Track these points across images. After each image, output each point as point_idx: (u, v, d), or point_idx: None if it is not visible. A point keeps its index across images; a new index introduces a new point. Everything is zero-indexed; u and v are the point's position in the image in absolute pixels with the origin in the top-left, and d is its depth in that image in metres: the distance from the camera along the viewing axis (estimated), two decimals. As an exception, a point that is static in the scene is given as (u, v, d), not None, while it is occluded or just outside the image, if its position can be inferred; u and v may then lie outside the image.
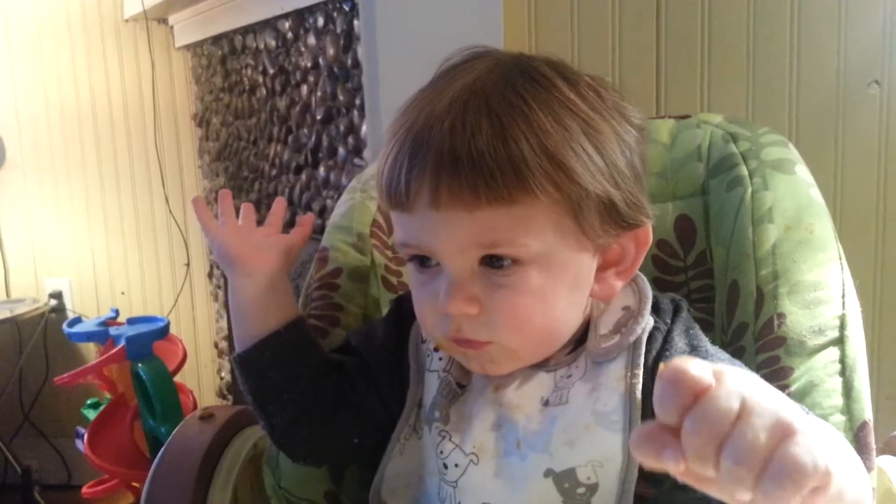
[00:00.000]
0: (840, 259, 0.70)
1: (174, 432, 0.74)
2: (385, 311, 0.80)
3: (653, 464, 0.38)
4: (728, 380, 0.37)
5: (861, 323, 0.67)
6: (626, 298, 0.62)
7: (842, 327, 0.66)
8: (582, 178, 0.54)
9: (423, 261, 0.59)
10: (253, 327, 0.68)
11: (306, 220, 0.76)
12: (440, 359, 0.65)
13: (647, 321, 0.60)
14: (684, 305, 0.64)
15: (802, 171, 0.76)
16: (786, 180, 0.75)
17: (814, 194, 0.74)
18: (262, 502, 0.73)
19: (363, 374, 0.69)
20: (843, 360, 0.65)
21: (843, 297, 0.67)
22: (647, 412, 0.56)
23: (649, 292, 0.63)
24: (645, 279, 0.64)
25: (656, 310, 0.62)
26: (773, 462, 0.35)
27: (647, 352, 0.59)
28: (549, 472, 0.57)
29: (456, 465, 0.59)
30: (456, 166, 0.52)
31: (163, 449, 0.72)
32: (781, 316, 0.67)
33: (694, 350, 0.60)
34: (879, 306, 1.06)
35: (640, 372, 0.58)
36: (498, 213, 0.53)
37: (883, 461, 0.70)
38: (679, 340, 0.60)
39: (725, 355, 0.62)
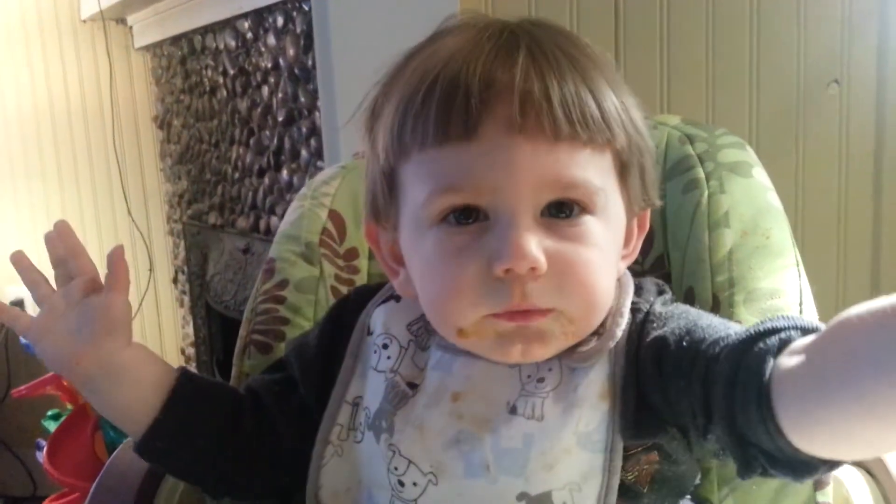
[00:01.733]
0: (798, 265, 0.68)
1: (112, 457, 0.70)
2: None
3: None
4: None
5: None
6: None
7: (799, 336, 0.64)
8: (642, 138, 0.55)
9: (463, 215, 0.51)
10: (127, 425, 0.62)
11: (118, 269, 0.60)
12: (388, 357, 0.59)
13: (625, 320, 0.55)
14: (668, 289, 0.60)
15: (760, 175, 0.75)
16: (743, 184, 0.73)
17: (771, 198, 0.73)
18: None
19: (284, 403, 0.63)
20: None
21: (800, 304, 0.66)
22: (629, 423, 0.52)
23: (631, 286, 0.58)
24: (628, 273, 0.59)
25: (638, 291, 0.58)
26: None
27: (630, 340, 0.54)
28: (522, 496, 0.53)
29: (414, 484, 0.54)
30: (547, 94, 0.49)
31: (100, 474, 0.69)
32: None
33: (686, 312, 0.55)
34: (843, 307, 1.04)
35: (621, 382, 0.53)
36: (576, 152, 0.50)
37: (841, 472, 0.69)
38: (664, 309, 0.55)
39: (718, 319, 0.54)
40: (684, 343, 0.50)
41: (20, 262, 0.61)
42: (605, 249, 0.53)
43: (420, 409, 0.56)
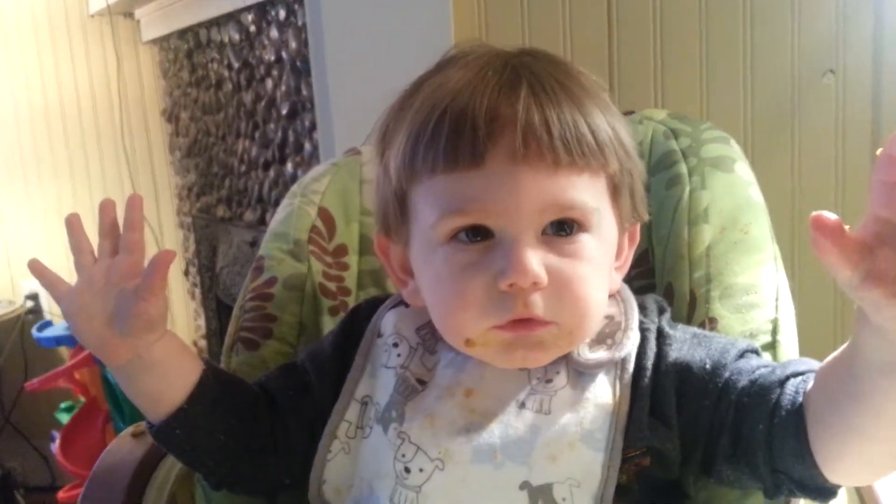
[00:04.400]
0: (775, 260, 0.68)
1: (105, 450, 0.72)
2: (322, 318, 0.78)
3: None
4: None
5: (794, 326, 0.66)
6: (609, 307, 0.61)
7: (774, 331, 0.65)
8: (632, 160, 0.60)
9: (472, 234, 0.56)
10: (149, 409, 0.63)
11: (160, 263, 0.58)
12: (398, 355, 0.63)
13: (636, 335, 0.59)
14: (666, 306, 0.64)
15: (742, 169, 0.75)
16: (724, 179, 0.73)
17: (752, 193, 0.73)
18: (199, 520, 0.72)
19: (298, 408, 0.65)
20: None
21: (776, 299, 0.66)
22: (632, 427, 0.56)
23: (634, 303, 0.62)
24: (628, 289, 0.64)
25: (642, 310, 0.62)
26: None
27: (642, 354, 0.59)
28: (524, 485, 0.55)
29: (420, 470, 0.57)
30: (547, 126, 0.54)
31: (94, 468, 0.71)
32: (713, 321, 0.66)
33: (694, 336, 0.60)
34: (841, 304, 1.04)
35: (628, 390, 0.57)
36: (574, 177, 0.55)
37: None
38: (673, 332, 0.60)
39: (725, 338, 0.61)
40: (707, 367, 0.57)
41: (73, 225, 0.60)
42: (598, 264, 0.57)
43: (431, 401, 0.59)
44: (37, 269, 0.60)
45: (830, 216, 0.38)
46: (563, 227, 0.56)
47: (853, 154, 1.09)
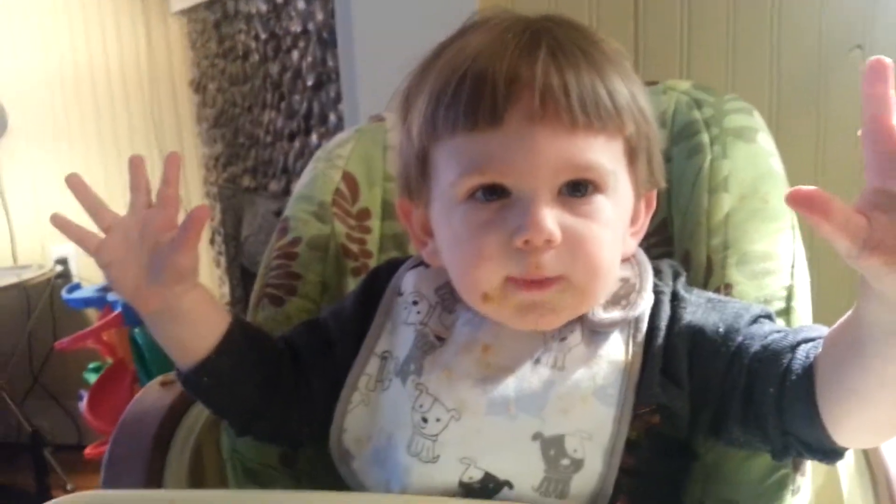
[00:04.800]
0: (793, 228, 0.69)
1: (134, 398, 0.75)
2: (343, 279, 0.80)
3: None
4: None
5: (809, 293, 0.66)
6: (624, 270, 0.63)
7: (788, 298, 0.65)
8: (650, 126, 0.61)
9: (489, 192, 0.57)
10: (179, 357, 0.65)
11: (196, 218, 0.59)
12: (418, 312, 0.65)
13: (650, 297, 0.61)
14: (682, 270, 0.65)
15: (764, 140, 0.75)
16: (745, 149, 0.74)
17: (773, 163, 0.73)
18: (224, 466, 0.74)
19: (321, 363, 0.68)
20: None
21: (792, 266, 0.67)
22: (643, 384, 0.58)
23: (649, 266, 0.63)
24: (643, 253, 0.65)
25: (657, 273, 0.63)
26: None
27: (655, 315, 0.60)
28: (537, 436, 0.57)
29: (437, 420, 0.59)
30: (565, 87, 0.55)
31: (123, 416, 0.73)
32: (729, 286, 0.66)
33: (709, 301, 0.61)
34: (857, 273, 1.02)
35: (640, 348, 0.59)
36: (590, 139, 0.56)
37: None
38: (688, 295, 0.61)
39: (740, 303, 0.62)
40: (721, 330, 0.58)
41: (76, 186, 0.61)
42: (612, 226, 0.58)
43: (449, 356, 0.61)
44: (61, 223, 0.61)
45: (805, 189, 0.39)
46: (579, 188, 0.57)
47: (878, 131, 1.08)
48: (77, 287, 1.92)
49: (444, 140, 0.59)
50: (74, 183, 0.61)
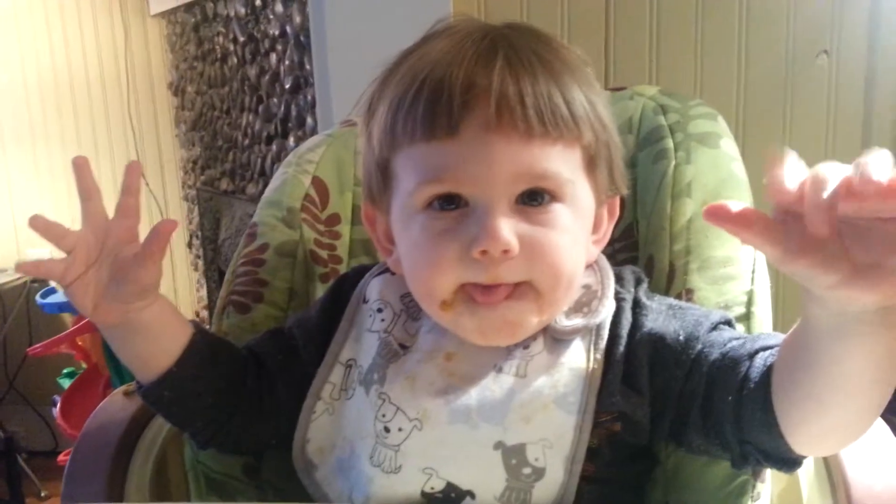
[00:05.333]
0: (754, 235, 0.69)
1: (97, 408, 0.74)
2: (312, 285, 0.80)
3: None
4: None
5: (769, 298, 0.67)
6: (586, 276, 0.63)
7: (749, 303, 0.66)
8: (610, 134, 0.60)
9: (447, 202, 0.57)
10: (139, 371, 0.64)
11: (161, 233, 0.57)
12: (382, 319, 0.65)
13: (612, 304, 0.61)
14: (644, 277, 0.65)
15: (727, 145, 0.76)
16: (709, 154, 0.74)
17: (736, 169, 0.74)
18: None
19: (286, 372, 0.67)
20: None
21: (752, 272, 0.67)
22: (604, 391, 0.58)
23: (611, 273, 0.63)
24: (605, 259, 0.65)
25: (619, 280, 0.63)
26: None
27: (617, 322, 0.60)
28: (499, 445, 0.57)
29: (400, 430, 0.59)
30: (521, 96, 0.55)
31: (85, 425, 0.73)
32: (690, 292, 0.67)
33: (670, 308, 0.61)
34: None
35: (601, 355, 0.59)
36: (547, 147, 0.56)
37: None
38: (649, 302, 0.61)
39: (697, 306, 0.63)
40: (681, 338, 0.58)
41: (39, 224, 0.56)
42: (572, 233, 0.58)
43: (413, 364, 0.61)
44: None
45: (719, 203, 0.39)
46: (536, 197, 0.57)
47: (844, 135, 1.10)
48: (52, 291, 1.90)
49: (403, 149, 0.58)
50: (38, 225, 0.56)
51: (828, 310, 0.43)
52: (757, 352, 0.54)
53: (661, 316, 0.60)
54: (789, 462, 0.54)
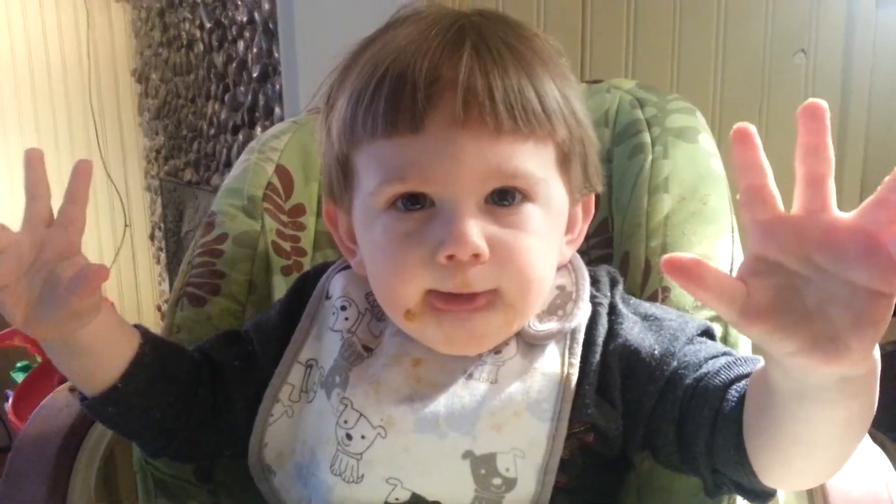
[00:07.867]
0: (732, 231, 0.68)
1: (40, 404, 0.70)
2: (273, 277, 0.77)
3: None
4: None
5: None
6: (560, 277, 0.60)
7: (726, 303, 0.64)
8: (584, 130, 0.57)
9: (411, 202, 0.53)
10: (81, 385, 0.59)
11: (94, 275, 0.50)
12: (346, 318, 0.61)
13: (587, 307, 0.58)
14: (619, 277, 0.62)
15: (705, 141, 0.74)
16: (686, 149, 0.73)
17: (714, 164, 0.72)
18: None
19: (242, 379, 0.63)
20: (724, 338, 0.62)
21: (730, 271, 0.65)
22: (578, 399, 0.55)
23: (586, 274, 0.60)
24: (580, 258, 0.62)
25: (595, 283, 0.60)
26: None
27: (592, 328, 0.57)
28: (467, 455, 0.54)
29: (363, 437, 0.55)
30: (489, 90, 0.51)
31: (26, 424, 0.68)
32: (666, 290, 0.65)
33: (646, 318, 0.58)
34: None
35: (577, 361, 0.56)
36: (518, 144, 0.53)
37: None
38: (626, 310, 0.59)
39: (674, 313, 0.60)
40: (656, 353, 0.55)
41: (33, 161, 0.52)
42: (545, 235, 0.55)
43: (377, 368, 0.57)
44: None
45: (678, 257, 0.37)
46: (506, 197, 0.53)
47: (821, 135, 1.09)
48: (6, 282, 1.83)
49: (364, 145, 0.55)
50: (32, 157, 0.52)
51: (788, 375, 0.40)
52: (732, 382, 0.51)
53: (637, 327, 0.57)
54: (762, 495, 0.51)
